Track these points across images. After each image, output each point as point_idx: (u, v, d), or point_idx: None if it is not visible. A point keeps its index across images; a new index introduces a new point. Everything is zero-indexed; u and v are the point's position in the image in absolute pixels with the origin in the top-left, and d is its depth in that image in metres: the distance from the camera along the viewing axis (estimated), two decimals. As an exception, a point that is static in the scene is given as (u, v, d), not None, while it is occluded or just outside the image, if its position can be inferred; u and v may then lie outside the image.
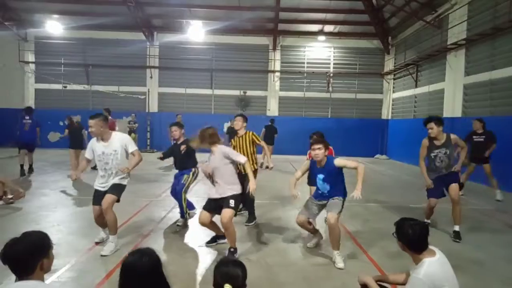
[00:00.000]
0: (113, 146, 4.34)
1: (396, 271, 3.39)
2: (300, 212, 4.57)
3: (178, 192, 5.51)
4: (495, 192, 7.99)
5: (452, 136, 5.31)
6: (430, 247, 2.53)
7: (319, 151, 4.31)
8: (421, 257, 2.49)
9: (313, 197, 4.57)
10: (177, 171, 5.73)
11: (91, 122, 4.26)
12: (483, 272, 4.04)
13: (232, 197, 4.24)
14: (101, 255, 4.15)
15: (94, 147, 4.40)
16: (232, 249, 4.29)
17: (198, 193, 7.42)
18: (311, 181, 5.13)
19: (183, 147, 5.50)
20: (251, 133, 5.67)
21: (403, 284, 2.70)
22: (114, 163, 4.33)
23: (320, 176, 4.37)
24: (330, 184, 4.32)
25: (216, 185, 4.31)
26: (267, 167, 7.24)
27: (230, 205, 4.19)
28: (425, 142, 5.39)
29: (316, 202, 4.50)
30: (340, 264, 4.07)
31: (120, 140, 4.40)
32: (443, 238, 5.13)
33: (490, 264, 4.26)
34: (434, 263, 2.44)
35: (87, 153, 4.49)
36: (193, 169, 5.58)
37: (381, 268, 3.97)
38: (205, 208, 4.38)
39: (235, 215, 4.41)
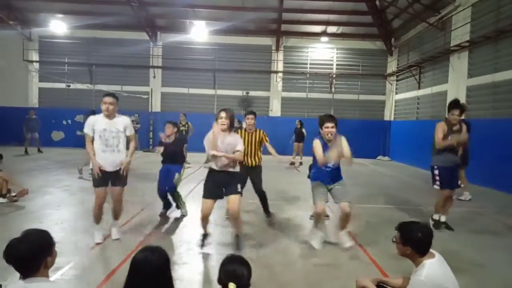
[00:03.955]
0: (116, 125, 4.50)
1: (398, 272, 3.41)
2: (318, 199, 4.50)
3: (170, 190, 5.88)
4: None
5: (464, 125, 5.44)
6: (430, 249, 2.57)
7: (332, 129, 4.41)
8: (422, 260, 2.52)
9: (321, 182, 4.57)
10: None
11: (111, 99, 4.44)
12: (483, 274, 4.05)
13: (238, 180, 4.29)
14: (116, 239, 4.65)
15: (95, 123, 4.47)
16: (239, 236, 4.44)
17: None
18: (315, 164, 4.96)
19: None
20: (261, 131, 5.73)
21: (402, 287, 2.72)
22: (116, 140, 4.49)
23: (328, 151, 4.43)
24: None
25: (218, 161, 4.22)
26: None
27: (238, 190, 4.25)
28: (443, 125, 5.34)
29: (325, 185, 4.55)
30: (349, 243, 4.53)
31: (123, 122, 4.58)
32: (443, 239, 5.13)
33: (491, 266, 4.27)
34: (434, 264, 2.47)
35: (88, 129, 4.48)
36: (183, 165, 6.02)
37: (382, 269, 3.99)
38: (207, 196, 4.28)
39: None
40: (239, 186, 4.29)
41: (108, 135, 4.45)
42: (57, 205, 6.43)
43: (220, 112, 4.25)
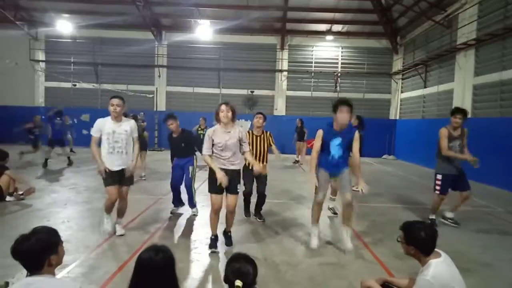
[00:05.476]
0: (124, 127, 4.68)
1: (403, 272, 3.40)
2: (319, 191, 4.55)
3: (188, 186, 5.92)
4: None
5: (465, 129, 5.55)
6: (435, 249, 2.55)
7: (347, 114, 4.20)
8: (427, 259, 2.51)
9: (325, 169, 4.52)
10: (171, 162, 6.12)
11: (118, 101, 4.59)
12: (490, 274, 4.01)
13: (238, 179, 4.42)
14: (120, 235, 4.76)
15: (103, 126, 4.59)
16: (229, 233, 4.57)
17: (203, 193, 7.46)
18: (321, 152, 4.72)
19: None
20: (268, 133, 5.76)
21: None
22: (124, 142, 4.64)
23: (337, 140, 4.35)
24: (344, 149, 4.40)
25: (225, 158, 4.25)
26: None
27: (237, 190, 4.37)
28: (445, 132, 5.45)
29: (328, 173, 4.53)
30: (349, 246, 4.41)
31: (129, 123, 4.77)
32: (449, 238, 5.10)
33: (498, 266, 4.23)
34: (440, 264, 2.45)
35: (96, 132, 4.61)
36: (194, 157, 6.00)
37: (388, 269, 3.96)
38: (215, 191, 4.25)
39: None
40: (238, 186, 4.39)
41: (117, 137, 4.59)
42: (64, 204, 6.48)
43: (221, 105, 4.21)
